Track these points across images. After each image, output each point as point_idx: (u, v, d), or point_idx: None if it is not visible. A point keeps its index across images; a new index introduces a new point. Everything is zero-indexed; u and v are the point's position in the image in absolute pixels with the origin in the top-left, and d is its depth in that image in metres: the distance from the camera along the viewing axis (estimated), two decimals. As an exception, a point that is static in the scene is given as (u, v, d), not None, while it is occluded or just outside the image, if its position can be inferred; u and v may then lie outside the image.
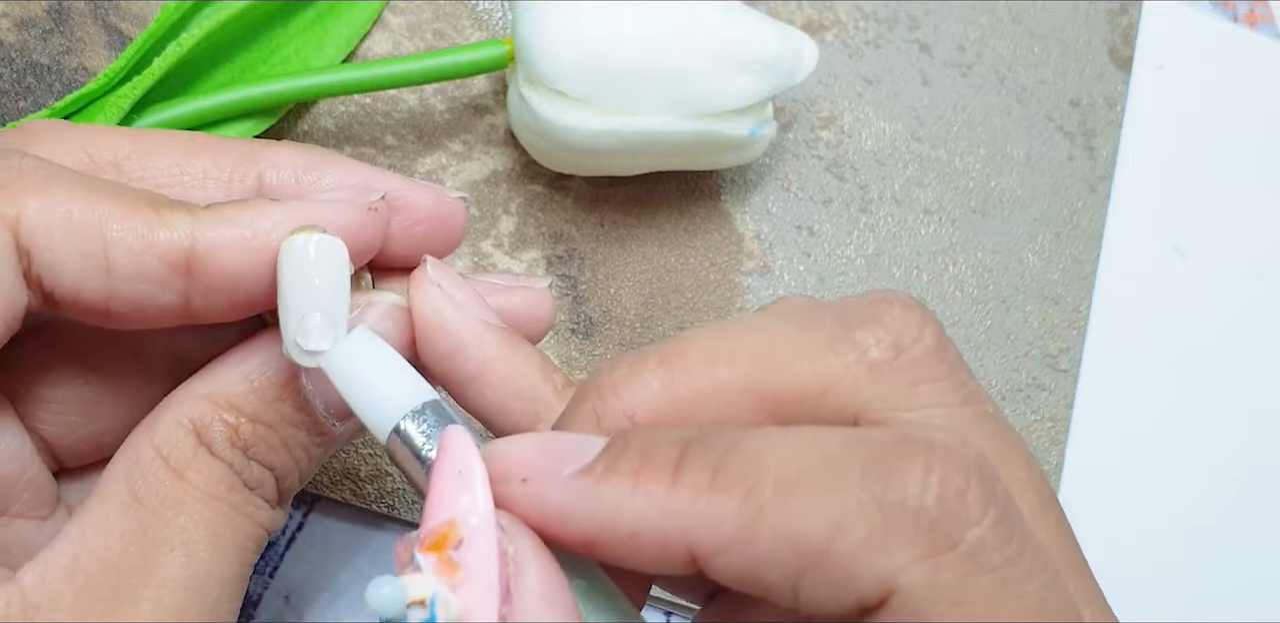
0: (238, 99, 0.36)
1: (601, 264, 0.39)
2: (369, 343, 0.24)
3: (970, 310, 0.40)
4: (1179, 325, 0.42)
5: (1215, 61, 0.45)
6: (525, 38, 0.35)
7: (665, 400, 0.23)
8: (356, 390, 0.23)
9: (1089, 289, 0.41)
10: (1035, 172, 0.42)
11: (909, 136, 0.42)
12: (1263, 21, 0.45)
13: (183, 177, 0.27)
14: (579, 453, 0.21)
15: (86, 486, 0.28)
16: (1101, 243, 0.42)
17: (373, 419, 0.23)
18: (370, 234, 0.26)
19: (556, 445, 0.22)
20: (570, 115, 0.35)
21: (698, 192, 0.40)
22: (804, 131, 0.41)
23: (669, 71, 0.35)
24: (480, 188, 0.39)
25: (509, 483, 0.21)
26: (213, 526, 0.24)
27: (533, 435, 0.22)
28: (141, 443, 0.25)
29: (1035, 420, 0.39)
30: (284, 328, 0.24)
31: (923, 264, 0.41)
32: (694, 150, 0.37)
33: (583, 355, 0.38)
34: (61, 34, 0.38)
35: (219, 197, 0.27)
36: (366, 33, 0.40)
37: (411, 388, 0.23)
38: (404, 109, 0.40)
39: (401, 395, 0.23)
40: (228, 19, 0.36)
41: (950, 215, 0.41)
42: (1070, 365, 0.40)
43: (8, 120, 0.37)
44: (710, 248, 0.40)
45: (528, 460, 0.21)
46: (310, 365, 0.24)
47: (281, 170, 0.27)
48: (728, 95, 0.35)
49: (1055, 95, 0.43)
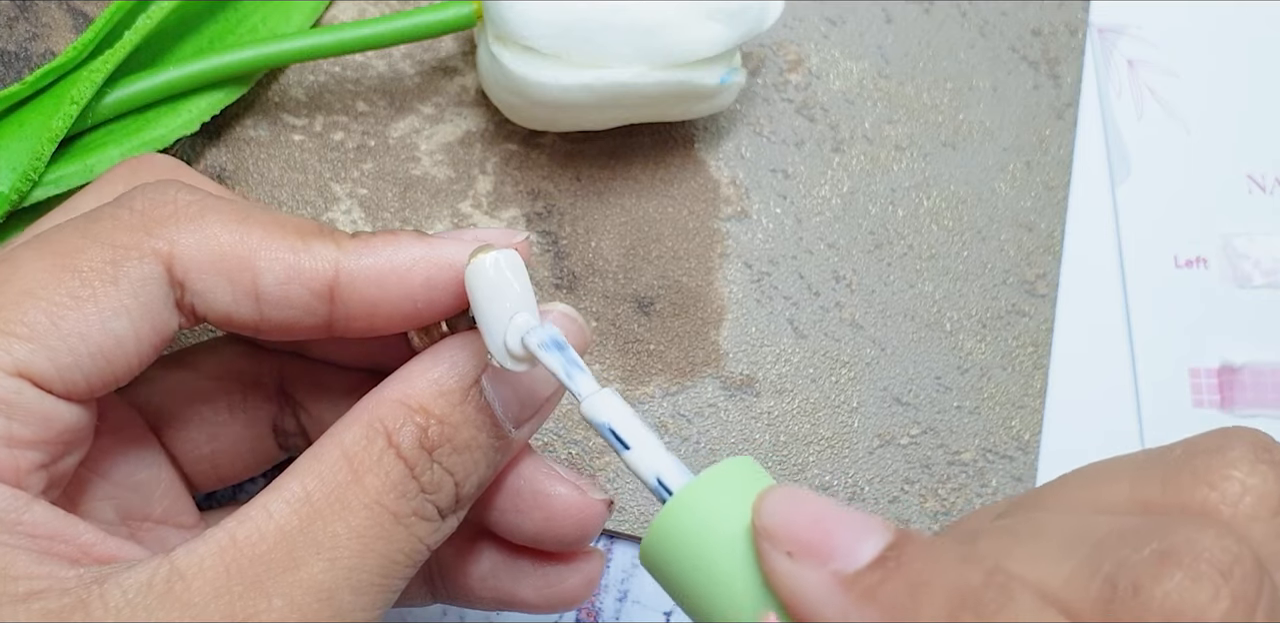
0: (208, 69, 0.36)
1: (581, 219, 0.40)
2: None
3: (947, 242, 0.41)
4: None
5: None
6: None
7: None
8: (559, 369, 0.25)
9: (1061, 215, 0.42)
10: (1002, 102, 0.42)
11: (876, 75, 0.42)
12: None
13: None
14: (851, 541, 0.21)
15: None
16: (1071, 168, 0.42)
17: (581, 387, 0.25)
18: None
19: (831, 522, 0.21)
20: (541, 71, 0.35)
21: (671, 141, 0.41)
22: (772, 76, 0.42)
23: (638, 23, 0.35)
24: (455, 149, 0.40)
25: (776, 547, 0.21)
26: (366, 536, 0.25)
27: (810, 500, 0.22)
28: (329, 443, 0.26)
29: (1017, 346, 0.40)
30: (489, 338, 0.25)
31: (897, 200, 0.41)
32: (666, 101, 0.37)
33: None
34: (27, 21, 0.38)
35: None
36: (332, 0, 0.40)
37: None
38: (373, 75, 0.40)
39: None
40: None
41: (921, 150, 0.42)
42: (1048, 290, 0.41)
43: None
44: (687, 196, 0.40)
45: (797, 533, 0.21)
46: (520, 369, 0.26)
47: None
48: (697, 44, 0.35)
49: (1017, 26, 0.43)
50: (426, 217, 0.39)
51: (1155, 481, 0.22)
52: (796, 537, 0.21)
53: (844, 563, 0.21)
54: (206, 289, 0.26)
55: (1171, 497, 0.21)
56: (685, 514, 0.23)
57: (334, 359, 0.32)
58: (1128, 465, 0.22)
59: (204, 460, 0.31)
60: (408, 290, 0.27)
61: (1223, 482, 0.21)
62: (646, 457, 0.24)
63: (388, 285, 0.26)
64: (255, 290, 0.26)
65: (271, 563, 0.24)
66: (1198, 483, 0.21)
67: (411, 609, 0.37)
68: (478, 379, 0.26)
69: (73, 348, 0.25)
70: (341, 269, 0.26)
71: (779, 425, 0.39)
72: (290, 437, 0.33)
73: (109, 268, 0.25)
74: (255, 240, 0.26)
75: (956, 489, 0.39)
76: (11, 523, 0.24)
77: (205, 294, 0.26)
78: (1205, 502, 0.21)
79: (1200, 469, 0.21)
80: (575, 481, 0.30)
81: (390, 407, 0.26)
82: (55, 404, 0.25)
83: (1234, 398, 0.41)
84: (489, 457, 0.27)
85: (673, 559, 0.23)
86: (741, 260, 0.40)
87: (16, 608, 0.23)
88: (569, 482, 0.30)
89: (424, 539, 0.26)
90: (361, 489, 0.25)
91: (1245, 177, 0.43)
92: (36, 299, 0.25)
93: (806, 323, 0.40)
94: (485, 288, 0.25)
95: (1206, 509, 0.21)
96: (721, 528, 0.22)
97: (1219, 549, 0.19)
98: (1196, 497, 0.21)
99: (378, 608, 0.25)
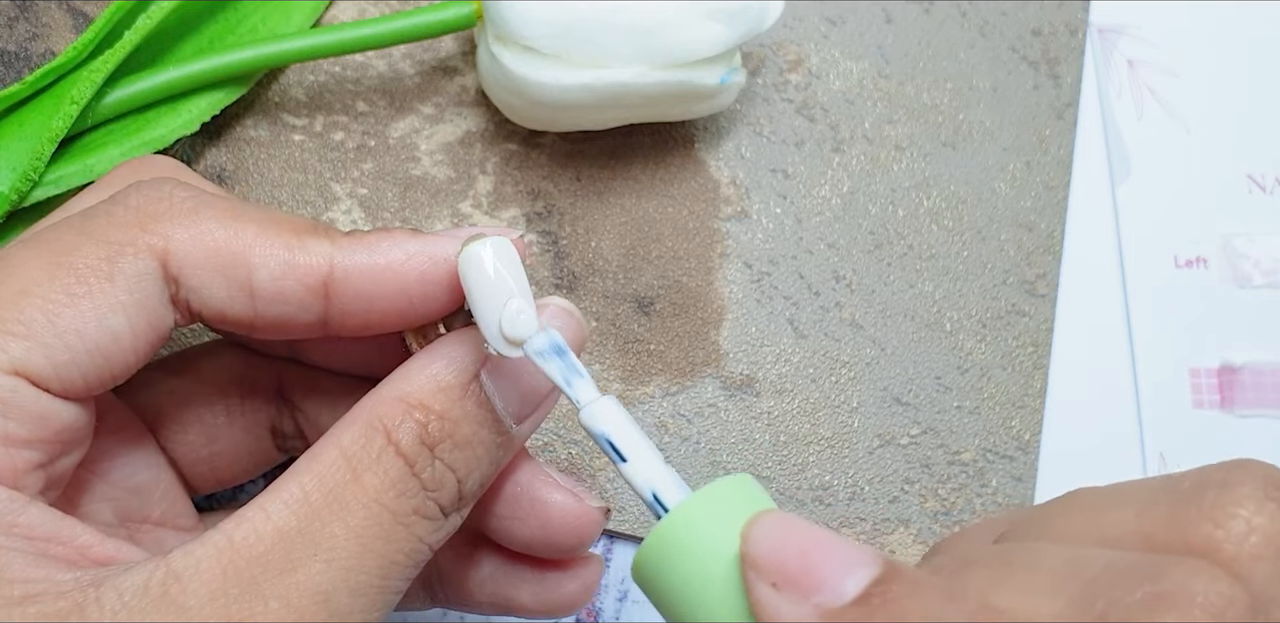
0: (208, 69, 0.36)
1: (581, 219, 0.40)
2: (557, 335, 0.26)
3: (947, 242, 0.41)
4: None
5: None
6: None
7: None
8: (558, 375, 0.25)
9: (1061, 215, 0.42)
10: (1002, 102, 0.42)
11: (876, 74, 0.42)
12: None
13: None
14: (837, 576, 0.21)
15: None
16: (1071, 168, 0.42)
17: (581, 394, 0.25)
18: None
19: (818, 555, 0.21)
20: (542, 71, 0.35)
21: (671, 141, 0.41)
22: (772, 76, 0.42)
23: (638, 23, 0.35)
24: (455, 149, 0.40)
25: (761, 577, 0.21)
26: (365, 536, 0.24)
27: (799, 530, 0.22)
28: (328, 443, 0.26)
29: (1017, 346, 0.40)
30: (484, 326, 0.25)
31: (898, 200, 0.41)
32: (666, 101, 0.37)
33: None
34: (27, 21, 0.38)
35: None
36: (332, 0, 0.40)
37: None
38: (373, 75, 0.40)
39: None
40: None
41: (921, 150, 0.42)
42: (1048, 290, 0.41)
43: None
44: (687, 196, 0.40)
45: (783, 564, 0.21)
46: (515, 355, 0.25)
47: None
48: (697, 44, 0.35)
49: (1017, 26, 0.43)
50: (426, 217, 0.39)
51: (1161, 513, 0.21)
52: (782, 568, 0.21)
53: (828, 598, 0.20)
54: (201, 284, 0.26)
55: (1176, 532, 0.21)
56: (678, 534, 0.23)
57: (331, 366, 0.32)
58: (1136, 494, 0.22)
59: (203, 463, 0.31)
60: (402, 285, 0.26)
61: (1229, 520, 0.21)
62: (643, 470, 0.24)
63: (382, 280, 0.26)
64: (250, 286, 0.26)
65: (268, 565, 0.24)
66: (1203, 519, 0.21)
67: (411, 611, 0.37)
68: (477, 374, 0.26)
69: (69, 345, 0.25)
70: (336, 264, 0.26)
71: (779, 425, 0.39)
72: (289, 439, 0.33)
73: (104, 264, 0.25)
74: (250, 236, 0.26)
75: (956, 489, 0.39)
76: (8, 525, 0.24)
77: (200, 290, 0.26)
78: (1209, 540, 0.21)
79: (1207, 505, 0.21)
80: (572, 488, 0.30)
81: (389, 405, 0.26)
82: (52, 403, 0.25)
83: (1234, 398, 0.41)
84: (491, 453, 0.27)
85: (663, 578, 0.23)
86: (741, 260, 0.40)
87: (12, 611, 0.23)
88: (566, 489, 0.29)
89: (425, 539, 0.26)
90: (360, 488, 0.25)
91: (1245, 177, 0.43)
92: (32, 297, 0.25)
93: (806, 323, 0.40)
94: (478, 274, 0.25)
95: (1210, 548, 0.20)
96: (714, 550, 0.22)
97: (1213, 593, 0.19)
98: (1201, 533, 0.21)
99: (377, 610, 0.25)
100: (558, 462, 0.38)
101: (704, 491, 0.23)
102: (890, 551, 0.39)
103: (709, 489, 0.23)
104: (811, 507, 0.39)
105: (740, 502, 0.23)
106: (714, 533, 0.23)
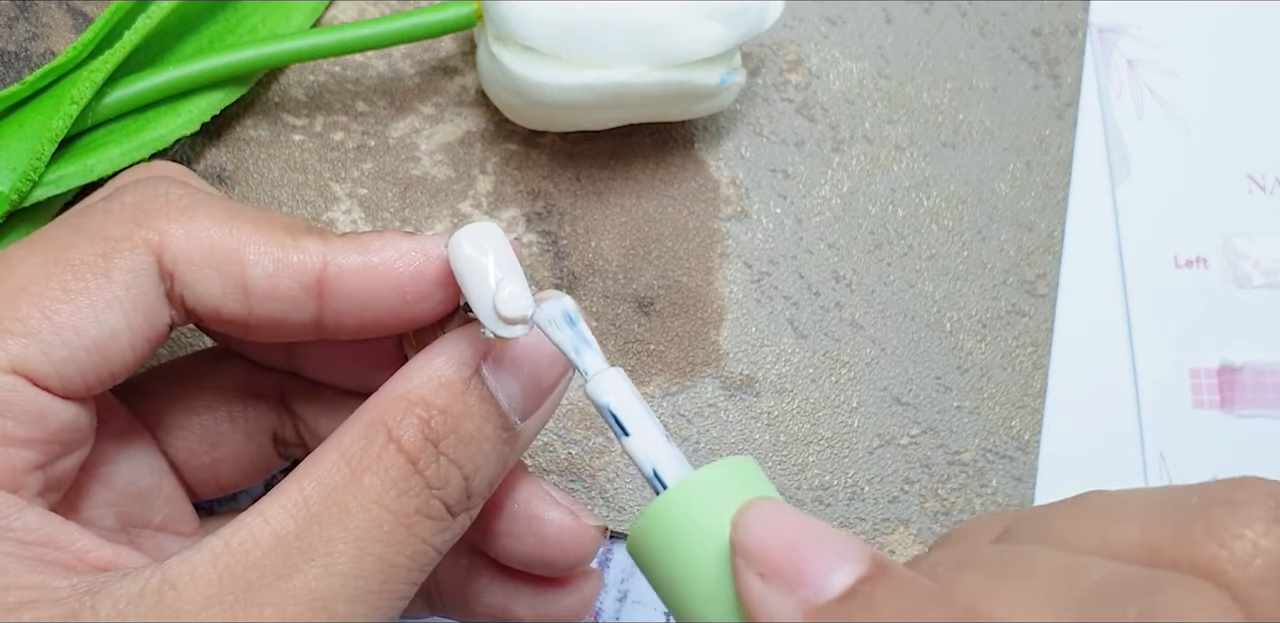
0: (208, 69, 0.36)
1: (580, 219, 0.40)
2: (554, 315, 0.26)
3: (947, 242, 0.41)
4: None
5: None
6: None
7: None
8: (567, 344, 0.25)
9: (1061, 215, 0.42)
10: (1002, 102, 0.42)
11: (876, 74, 0.42)
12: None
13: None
14: (824, 570, 0.20)
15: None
16: (1071, 168, 0.42)
17: (589, 363, 0.25)
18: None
19: (807, 547, 0.21)
20: (542, 71, 0.35)
21: (671, 141, 0.41)
22: (772, 75, 0.42)
23: (638, 23, 0.35)
24: (455, 149, 0.40)
25: (749, 566, 0.21)
26: (363, 540, 0.24)
27: (790, 520, 0.21)
28: (329, 446, 0.25)
29: (1017, 346, 0.40)
30: (478, 307, 0.25)
31: (898, 200, 0.41)
32: (666, 101, 0.37)
33: (571, 309, 0.39)
34: (27, 21, 0.38)
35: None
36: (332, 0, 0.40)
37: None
38: (373, 75, 0.40)
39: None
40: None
41: (922, 150, 0.42)
42: (1048, 290, 0.41)
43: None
44: (687, 196, 0.40)
45: (771, 554, 0.21)
46: (513, 335, 0.25)
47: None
48: (697, 44, 0.35)
49: (1017, 26, 0.43)
50: (426, 217, 0.39)
51: (1167, 527, 0.21)
52: (770, 559, 0.21)
53: (813, 592, 0.20)
54: (196, 280, 0.26)
55: (1181, 549, 0.20)
56: (675, 511, 0.23)
57: (330, 380, 0.32)
58: (1143, 505, 0.22)
59: (205, 468, 0.31)
60: (396, 282, 0.26)
61: (1234, 541, 0.20)
62: (645, 446, 0.24)
63: (376, 278, 0.26)
64: (244, 283, 0.26)
65: (265, 571, 0.23)
66: (1209, 539, 0.20)
67: (411, 620, 0.37)
68: (477, 368, 0.26)
69: (66, 342, 0.25)
70: (329, 262, 0.26)
71: (779, 425, 0.39)
72: (290, 447, 0.33)
73: (100, 260, 0.25)
74: (245, 234, 0.26)
75: (956, 489, 0.39)
76: (3, 529, 0.23)
77: (195, 285, 0.26)
78: (1214, 560, 0.20)
79: (1214, 523, 0.20)
80: (570, 506, 0.29)
81: (390, 404, 0.25)
82: (51, 402, 0.25)
83: (1234, 398, 0.41)
84: (498, 449, 0.26)
85: (657, 554, 0.23)
86: (741, 260, 0.40)
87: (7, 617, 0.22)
88: (564, 507, 0.29)
89: (429, 540, 0.25)
90: (360, 490, 0.24)
91: (1245, 177, 0.43)
92: (29, 295, 0.25)
93: (806, 323, 0.40)
94: (466, 257, 0.25)
95: (1214, 569, 0.20)
96: (707, 531, 0.22)
97: (1210, 616, 0.19)
98: (1205, 553, 0.20)
99: (379, 616, 0.24)
100: (558, 462, 0.38)
101: (704, 470, 0.23)
102: (890, 551, 0.39)
103: (709, 470, 0.23)
104: (811, 507, 0.39)
105: (739, 485, 0.23)
106: (709, 515, 0.22)
